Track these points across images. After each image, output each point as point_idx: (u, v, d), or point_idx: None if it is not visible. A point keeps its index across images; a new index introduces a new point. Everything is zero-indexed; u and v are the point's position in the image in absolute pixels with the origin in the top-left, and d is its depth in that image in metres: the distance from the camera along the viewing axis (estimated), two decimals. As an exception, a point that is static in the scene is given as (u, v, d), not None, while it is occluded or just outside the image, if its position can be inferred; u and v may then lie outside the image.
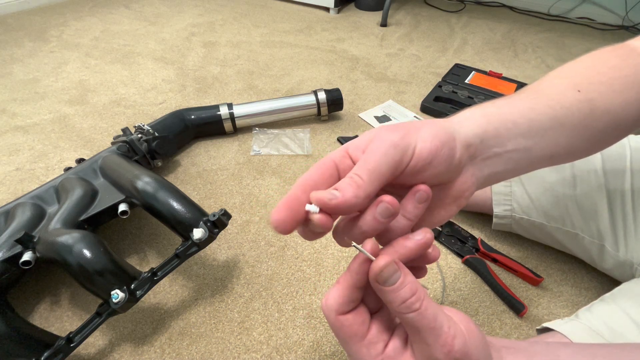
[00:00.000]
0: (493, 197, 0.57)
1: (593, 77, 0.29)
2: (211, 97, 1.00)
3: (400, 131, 0.22)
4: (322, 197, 0.19)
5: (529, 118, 0.26)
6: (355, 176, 0.20)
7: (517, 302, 0.53)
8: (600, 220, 0.50)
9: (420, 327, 0.19)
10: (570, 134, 0.28)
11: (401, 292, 0.19)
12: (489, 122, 0.25)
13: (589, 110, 0.28)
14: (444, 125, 0.23)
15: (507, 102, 0.27)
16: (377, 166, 0.20)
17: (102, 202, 0.56)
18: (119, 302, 0.43)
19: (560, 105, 0.27)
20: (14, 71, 1.09)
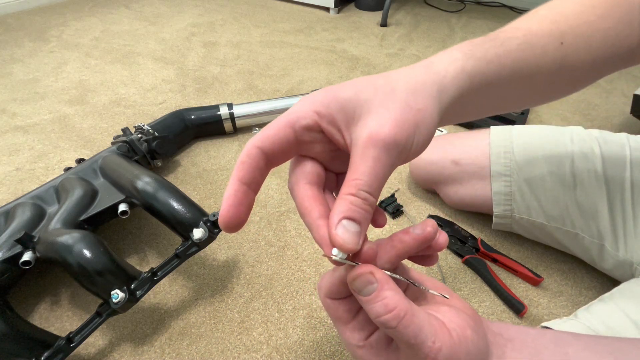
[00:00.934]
0: (493, 197, 0.57)
1: (579, 27, 0.29)
2: (211, 97, 1.00)
3: (403, 130, 0.19)
4: (351, 244, 0.18)
5: (506, 81, 0.27)
6: (369, 198, 0.19)
7: (517, 302, 0.53)
8: (601, 220, 0.50)
9: (400, 341, 0.19)
10: (531, 89, 0.30)
11: (375, 307, 0.18)
12: (471, 82, 0.24)
13: (558, 67, 0.29)
14: (434, 107, 0.21)
15: (496, 56, 0.26)
16: (384, 179, 0.20)
17: (102, 202, 0.56)
18: (119, 302, 0.43)
19: (537, 64, 0.28)
20: (14, 71, 1.09)
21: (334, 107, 0.20)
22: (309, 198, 0.21)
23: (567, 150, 0.52)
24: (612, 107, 1.01)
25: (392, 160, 0.19)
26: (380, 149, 0.19)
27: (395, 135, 0.19)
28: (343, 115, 0.20)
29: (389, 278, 0.19)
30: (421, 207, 0.70)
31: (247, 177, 0.20)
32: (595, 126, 0.94)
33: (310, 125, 0.21)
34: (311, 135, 0.21)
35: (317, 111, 0.20)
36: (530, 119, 0.94)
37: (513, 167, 0.55)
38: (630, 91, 1.08)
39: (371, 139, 0.19)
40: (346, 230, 0.18)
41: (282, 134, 0.20)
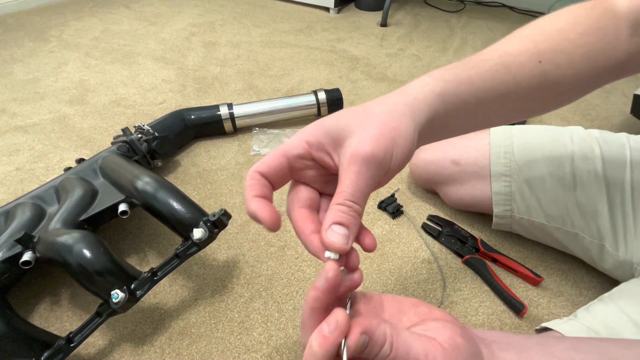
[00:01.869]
0: (493, 197, 0.57)
1: (559, 45, 0.30)
2: (211, 97, 1.00)
3: (380, 145, 0.22)
4: (340, 245, 0.21)
5: (480, 98, 0.28)
6: (354, 206, 0.22)
7: (517, 302, 0.53)
8: (601, 220, 0.50)
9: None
10: (511, 105, 0.31)
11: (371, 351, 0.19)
12: (444, 101, 0.26)
13: (539, 83, 0.30)
14: (409, 125, 0.24)
15: (468, 77, 0.28)
16: (368, 190, 0.22)
17: (102, 202, 0.56)
18: (119, 302, 0.43)
19: (515, 80, 0.29)
20: (14, 71, 1.09)
21: (320, 135, 0.23)
22: (302, 219, 0.24)
23: (567, 150, 0.52)
24: (612, 107, 1.02)
25: (371, 172, 0.22)
26: (360, 164, 0.21)
27: (373, 151, 0.22)
28: (329, 140, 0.23)
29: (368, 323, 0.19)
30: (421, 207, 0.70)
31: (259, 192, 0.23)
32: (595, 126, 0.94)
33: (302, 153, 0.24)
34: (303, 163, 0.24)
35: (306, 141, 0.24)
36: (530, 119, 0.95)
37: (513, 167, 0.55)
38: (630, 91, 1.08)
39: (352, 156, 0.22)
40: (335, 233, 0.21)
41: (277, 161, 0.24)
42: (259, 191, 0.23)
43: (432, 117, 0.26)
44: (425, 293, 0.56)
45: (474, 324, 0.53)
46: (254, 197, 0.23)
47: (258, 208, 0.22)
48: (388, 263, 0.60)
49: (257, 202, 0.23)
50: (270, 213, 0.22)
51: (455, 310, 0.54)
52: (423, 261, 0.61)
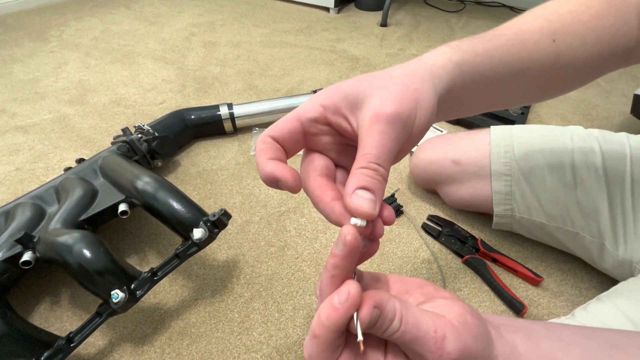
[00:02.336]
0: (493, 197, 0.57)
1: (572, 26, 0.30)
2: (211, 97, 1.00)
3: (403, 104, 0.21)
4: (368, 210, 0.19)
5: (497, 72, 0.28)
6: (380, 169, 0.20)
7: (517, 302, 0.53)
8: (601, 219, 0.50)
9: (406, 342, 0.19)
10: (525, 85, 0.30)
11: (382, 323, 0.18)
12: (461, 72, 0.25)
13: (553, 63, 0.30)
14: (430, 89, 0.23)
15: (484, 50, 0.27)
16: (393, 152, 0.21)
17: (102, 202, 0.56)
18: (119, 302, 0.43)
19: (530, 58, 0.29)
20: (14, 71, 1.09)
21: (337, 98, 0.22)
22: (320, 187, 0.22)
23: (567, 150, 0.52)
24: (612, 107, 1.01)
25: (396, 133, 0.20)
26: (384, 124, 0.20)
27: (397, 110, 0.20)
28: (346, 103, 0.22)
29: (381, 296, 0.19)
30: (421, 207, 0.70)
31: (274, 155, 0.22)
32: (595, 126, 0.94)
33: (317, 117, 0.22)
34: (318, 127, 0.23)
35: (322, 104, 0.22)
36: (530, 119, 0.94)
37: (513, 166, 0.55)
38: (630, 91, 1.08)
39: (375, 115, 0.20)
40: (361, 197, 0.19)
41: (289, 125, 0.22)
42: (272, 154, 0.22)
43: (450, 87, 0.24)
44: (425, 293, 0.56)
45: (474, 324, 0.53)
46: (269, 160, 0.21)
47: (276, 168, 0.21)
48: (388, 263, 0.60)
49: (274, 163, 0.21)
50: (292, 171, 0.21)
51: (455, 310, 0.54)
52: (423, 261, 0.61)
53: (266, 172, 0.21)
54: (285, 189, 0.21)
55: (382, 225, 0.21)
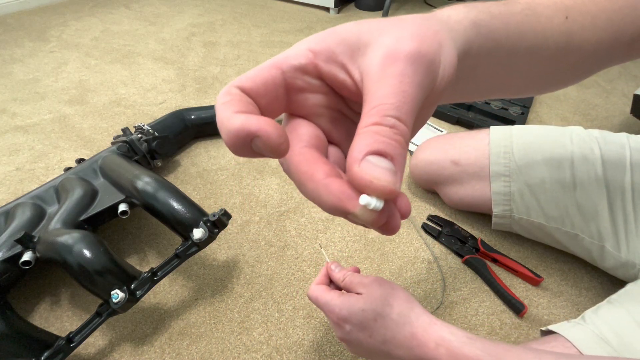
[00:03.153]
0: (492, 197, 0.57)
1: (585, 5, 0.28)
2: (211, 97, 1.00)
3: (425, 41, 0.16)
4: (386, 184, 0.13)
5: (512, 43, 0.24)
6: (400, 125, 0.14)
7: (517, 302, 0.53)
8: (601, 221, 0.50)
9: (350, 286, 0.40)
10: (537, 67, 0.27)
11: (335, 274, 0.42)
12: (478, 33, 0.20)
13: (564, 44, 0.27)
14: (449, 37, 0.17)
15: (500, 13, 0.23)
16: (417, 103, 0.15)
17: (102, 202, 0.56)
18: (119, 302, 0.43)
19: (543, 33, 0.26)
20: (14, 71, 1.09)
21: (332, 41, 0.16)
22: (307, 161, 0.15)
23: (567, 151, 0.52)
24: (612, 107, 1.02)
25: (420, 78, 0.15)
26: (404, 63, 0.15)
27: (419, 47, 0.15)
28: (344, 47, 0.16)
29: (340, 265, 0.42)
30: (421, 207, 0.70)
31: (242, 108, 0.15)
32: (595, 126, 0.94)
33: (303, 65, 0.16)
34: (305, 80, 0.17)
35: (311, 49, 0.16)
36: (530, 119, 0.95)
37: (512, 167, 0.55)
38: (630, 91, 1.08)
39: (390, 55, 0.15)
40: (375, 166, 0.13)
41: (266, 74, 0.16)
42: (241, 107, 0.15)
43: (467, 48, 0.19)
44: (425, 293, 0.56)
45: (474, 324, 0.53)
46: (235, 113, 0.14)
47: (249, 120, 0.13)
48: (388, 263, 0.60)
49: (244, 115, 0.14)
50: (272, 123, 0.14)
51: (455, 310, 0.54)
52: (423, 261, 0.61)
53: (235, 127, 0.13)
54: (267, 150, 0.14)
55: (407, 201, 0.15)
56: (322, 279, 0.42)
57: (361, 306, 0.36)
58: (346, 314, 0.36)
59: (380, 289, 0.37)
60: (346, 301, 0.37)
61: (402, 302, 0.36)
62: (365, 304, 0.36)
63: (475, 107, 0.92)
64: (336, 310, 0.37)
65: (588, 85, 1.11)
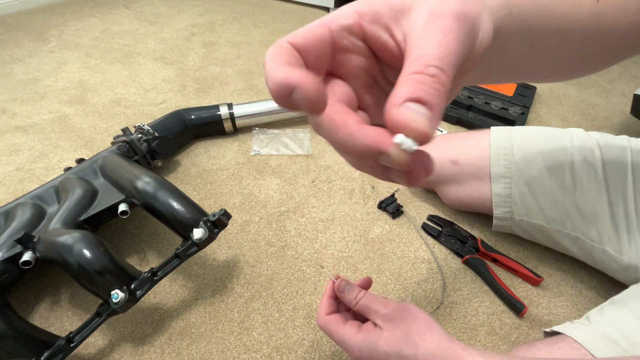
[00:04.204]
0: (493, 199, 0.57)
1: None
2: (211, 97, 1.00)
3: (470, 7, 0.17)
4: (422, 128, 0.14)
5: (543, 24, 0.24)
6: (441, 75, 0.15)
7: (517, 302, 0.53)
8: (602, 224, 0.49)
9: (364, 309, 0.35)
10: (567, 50, 0.27)
11: (346, 295, 0.37)
12: (509, 13, 0.21)
13: (595, 27, 0.26)
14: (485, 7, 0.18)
15: None
16: (459, 59, 0.16)
17: (102, 202, 0.56)
18: (119, 302, 0.43)
19: (575, 15, 0.25)
20: (14, 71, 1.09)
21: (378, 3, 0.17)
22: (339, 112, 0.16)
23: (568, 153, 0.52)
24: (612, 107, 1.02)
25: (464, 35, 0.16)
26: (449, 20, 0.16)
27: (464, 8, 0.16)
28: (389, 9, 0.17)
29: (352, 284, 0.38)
30: (421, 207, 0.70)
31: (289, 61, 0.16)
32: (595, 126, 0.94)
33: (351, 25, 0.17)
34: (350, 40, 0.18)
35: (357, 10, 0.17)
36: (530, 119, 0.94)
37: (513, 168, 0.55)
38: (630, 91, 1.08)
39: (436, 13, 0.16)
40: (413, 111, 0.14)
41: (316, 31, 0.17)
42: (289, 60, 0.16)
43: (499, 26, 0.20)
44: (425, 293, 0.56)
45: (474, 324, 0.53)
46: (283, 64, 0.15)
47: (293, 73, 0.14)
48: (388, 263, 0.60)
49: (289, 67, 0.15)
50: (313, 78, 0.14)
51: (455, 310, 0.54)
52: (423, 261, 0.61)
53: (279, 78, 0.15)
54: (304, 104, 0.14)
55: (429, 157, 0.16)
56: (330, 304, 0.37)
57: (384, 348, 0.32)
58: (367, 356, 0.33)
59: (402, 324, 0.32)
60: (366, 340, 0.33)
61: (427, 337, 0.31)
62: (389, 345, 0.32)
63: (475, 107, 0.92)
64: (355, 351, 0.33)
65: (588, 85, 1.11)
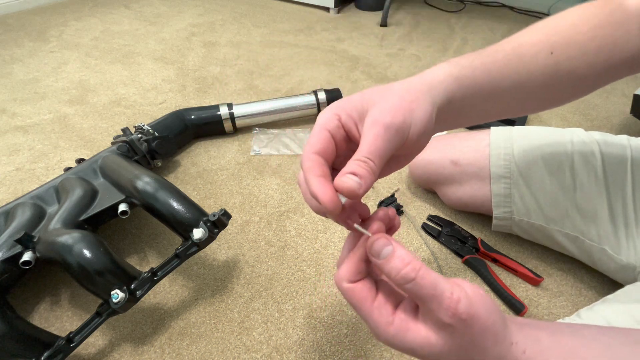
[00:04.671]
0: (493, 199, 0.57)
1: (572, 38, 0.32)
2: (211, 97, 1.00)
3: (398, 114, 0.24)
4: (352, 187, 0.22)
5: (495, 84, 0.30)
6: (370, 162, 0.23)
7: (517, 302, 0.53)
8: (601, 223, 0.49)
9: (421, 296, 0.21)
10: (525, 95, 0.32)
11: (394, 263, 0.21)
12: (460, 85, 0.28)
13: (551, 74, 0.32)
14: (426, 100, 0.26)
15: (482, 64, 0.30)
16: (385, 152, 0.24)
17: (102, 202, 0.56)
18: (119, 302, 0.43)
19: (527, 70, 0.31)
20: (14, 71, 1.09)
21: (349, 107, 0.26)
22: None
23: (567, 153, 0.52)
24: (612, 107, 1.02)
25: (389, 136, 0.23)
26: (379, 128, 0.23)
27: (392, 118, 0.24)
28: (356, 112, 0.25)
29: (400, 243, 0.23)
30: (421, 207, 0.70)
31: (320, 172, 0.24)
32: (595, 126, 0.94)
33: (337, 124, 0.25)
34: (339, 132, 0.26)
35: (335, 113, 0.26)
36: (530, 119, 0.94)
37: (513, 168, 0.55)
38: (630, 91, 1.08)
39: (373, 122, 0.24)
40: (348, 178, 0.22)
41: (323, 135, 0.25)
42: (318, 170, 0.24)
43: (449, 98, 0.27)
44: (425, 293, 0.56)
45: (474, 324, 0.53)
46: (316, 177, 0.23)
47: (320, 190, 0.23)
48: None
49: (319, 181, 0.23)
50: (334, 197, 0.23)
51: (455, 310, 0.54)
52: (423, 261, 0.60)
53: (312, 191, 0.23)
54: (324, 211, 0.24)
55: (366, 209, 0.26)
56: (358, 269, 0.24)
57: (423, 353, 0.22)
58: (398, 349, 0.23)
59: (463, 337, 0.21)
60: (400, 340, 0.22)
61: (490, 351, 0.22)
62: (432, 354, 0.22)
63: (475, 107, 0.92)
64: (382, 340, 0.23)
65: (588, 86, 1.11)
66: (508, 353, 0.22)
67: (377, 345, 0.50)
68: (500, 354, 0.22)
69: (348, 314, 0.53)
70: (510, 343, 0.23)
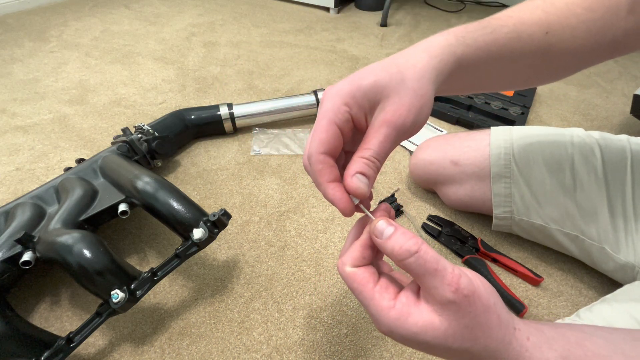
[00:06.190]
0: (493, 199, 0.57)
1: (567, 19, 0.32)
2: (211, 97, 1.00)
3: (410, 114, 0.24)
4: (362, 190, 0.24)
5: (490, 64, 0.31)
6: (377, 162, 0.24)
7: (517, 302, 0.53)
8: (601, 222, 0.49)
9: (425, 271, 0.21)
10: (512, 73, 0.34)
11: (396, 238, 0.22)
12: (460, 66, 0.29)
13: (542, 54, 0.32)
14: (432, 89, 0.26)
15: (485, 44, 0.30)
16: (390, 151, 0.25)
17: (102, 202, 0.56)
18: (119, 302, 0.43)
19: (522, 50, 0.32)
20: (14, 71, 1.09)
21: (360, 96, 0.25)
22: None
23: (567, 152, 0.52)
24: (612, 107, 1.02)
25: (398, 138, 0.25)
26: (391, 129, 0.24)
27: (405, 120, 0.24)
28: (367, 102, 0.25)
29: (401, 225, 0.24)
30: (421, 207, 0.70)
31: (332, 177, 0.25)
32: (595, 126, 0.94)
33: (347, 117, 0.25)
34: (348, 126, 0.26)
35: (346, 103, 0.25)
36: (530, 119, 0.94)
37: (513, 168, 0.55)
38: (630, 91, 1.08)
39: (386, 121, 0.24)
40: (359, 180, 0.24)
41: (331, 132, 0.25)
42: (330, 175, 0.25)
43: (447, 79, 0.28)
44: (425, 293, 0.56)
45: (474, 324, 0.53)
46: (329, 183, 0.25)
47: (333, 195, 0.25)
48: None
49: (333, 188, 0.25)
50: (347, 200, 0.25)
51: (455, 310, 0.54)
52: (423, 261, 0.61)
53: (326, 196, 0.25)
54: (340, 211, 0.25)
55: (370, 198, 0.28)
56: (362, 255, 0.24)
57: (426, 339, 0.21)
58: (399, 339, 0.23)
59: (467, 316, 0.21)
60: (401, 325, 0.22)
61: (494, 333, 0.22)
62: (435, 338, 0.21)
63: (475, 107, 0.92)
64: (383, 328, 0.23)
65: (588, 85, 1.11)
66: (512, 337, 0.22)
67: (377, 345, 0.50)
68: (505, 337, 0.22)
69: (348, 314, 0.53)
70: (514, 328, 0.22)
